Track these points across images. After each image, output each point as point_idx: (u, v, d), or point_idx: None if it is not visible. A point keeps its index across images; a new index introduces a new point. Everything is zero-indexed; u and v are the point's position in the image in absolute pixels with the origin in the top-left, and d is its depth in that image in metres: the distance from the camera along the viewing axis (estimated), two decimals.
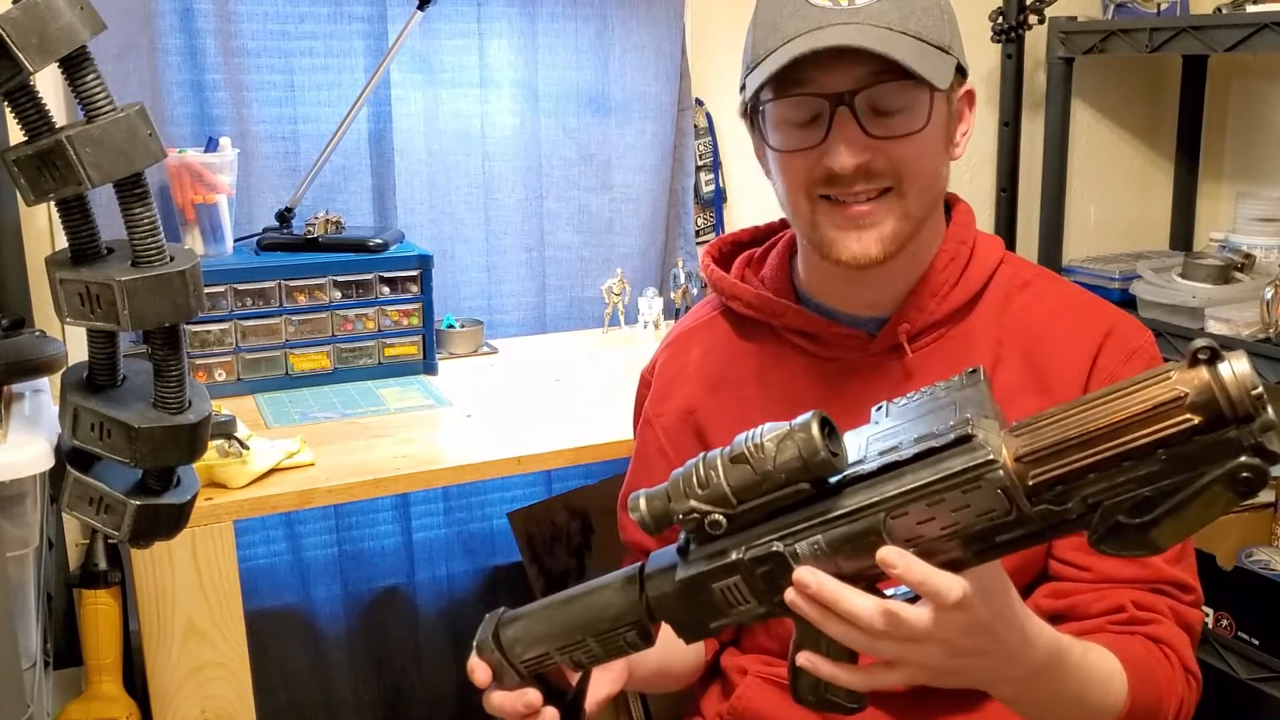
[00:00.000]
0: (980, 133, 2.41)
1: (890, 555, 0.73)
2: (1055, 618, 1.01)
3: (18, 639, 1.02)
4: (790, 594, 0.77)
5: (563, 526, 1.92)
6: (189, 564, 1.33)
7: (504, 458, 1.49)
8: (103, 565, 1.61)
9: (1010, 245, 2.39)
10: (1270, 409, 0.65)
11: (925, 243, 1.09)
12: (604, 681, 0.97)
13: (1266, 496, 2.16)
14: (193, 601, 1.34)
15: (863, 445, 0.77)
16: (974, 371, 0.77)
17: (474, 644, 0.90)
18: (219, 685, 1.37)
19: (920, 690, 1.08)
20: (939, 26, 1.01)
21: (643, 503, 0.79)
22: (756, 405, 1.14)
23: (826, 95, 0.99)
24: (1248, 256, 2.13)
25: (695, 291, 2.09)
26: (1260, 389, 0.64)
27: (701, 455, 0.78)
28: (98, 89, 0.74)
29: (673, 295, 2.12)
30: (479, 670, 0.91)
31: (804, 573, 0.76)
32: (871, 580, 0.77)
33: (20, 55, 0.70)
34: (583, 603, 0.86)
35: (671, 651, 1.12)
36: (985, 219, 2.42)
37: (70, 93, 0.74)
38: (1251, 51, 1.89)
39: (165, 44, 1.79)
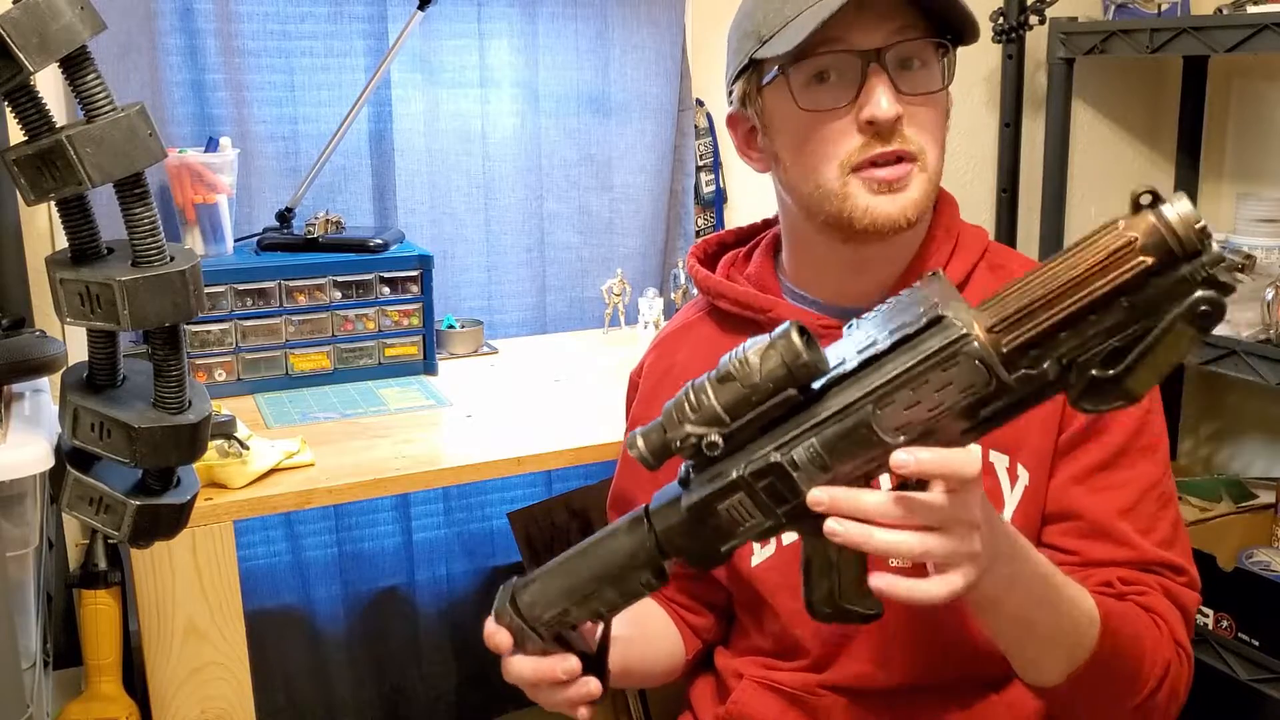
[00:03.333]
0: (981, 133, 2.41)
1: (899, 456, 0.74)
2: None
3: (17, 639, 1.02)
4: (829, 524, 0.77)
5: (563, 527, 1.92)
6: (189, 564, 1.33)
7: (504, 458, 1.49)
8: (102, 565, 1.61)
9: (1011, 245, 2.39)
10: (1214, 243, 0.69)
11: (915, 230, 1.10)
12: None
13: (1267, 498, 2.16)
14: (192, 602, 1.34)
15: (839, 353, 0.79)
16: (933, 274, 0.79)
17: (492, 613, 0.91)
18: (219, 685, 1.37)
19: (916, 688, 1.09)
20: None
21: (640, 440, 0.80)
22: None
23: (859, 52, 0.99)
24: (1248, 257, 2.13)
25: (695, 292, 2.08)
26: (1204, 222, 0.68)
27: (690, 382, 0.79)
28: (98, 89, 0.74)
29: (673, 295, 2.12)
30: (499, 635, 0.90)
31: (814, 493, 0.77)
32: (869, 477, 0.78)
33: (20, 55, 0.70)
34: (594, 552, 0.87)
35: (641, 648, 1.12)
36: (986, 219, 2.42)
37: (70, 92, 0.74)
38: (1252, 52, 1.89)
39: (165, 44, 1.79)
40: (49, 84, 0.81)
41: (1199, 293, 0.68)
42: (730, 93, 1.12)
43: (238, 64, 1.84)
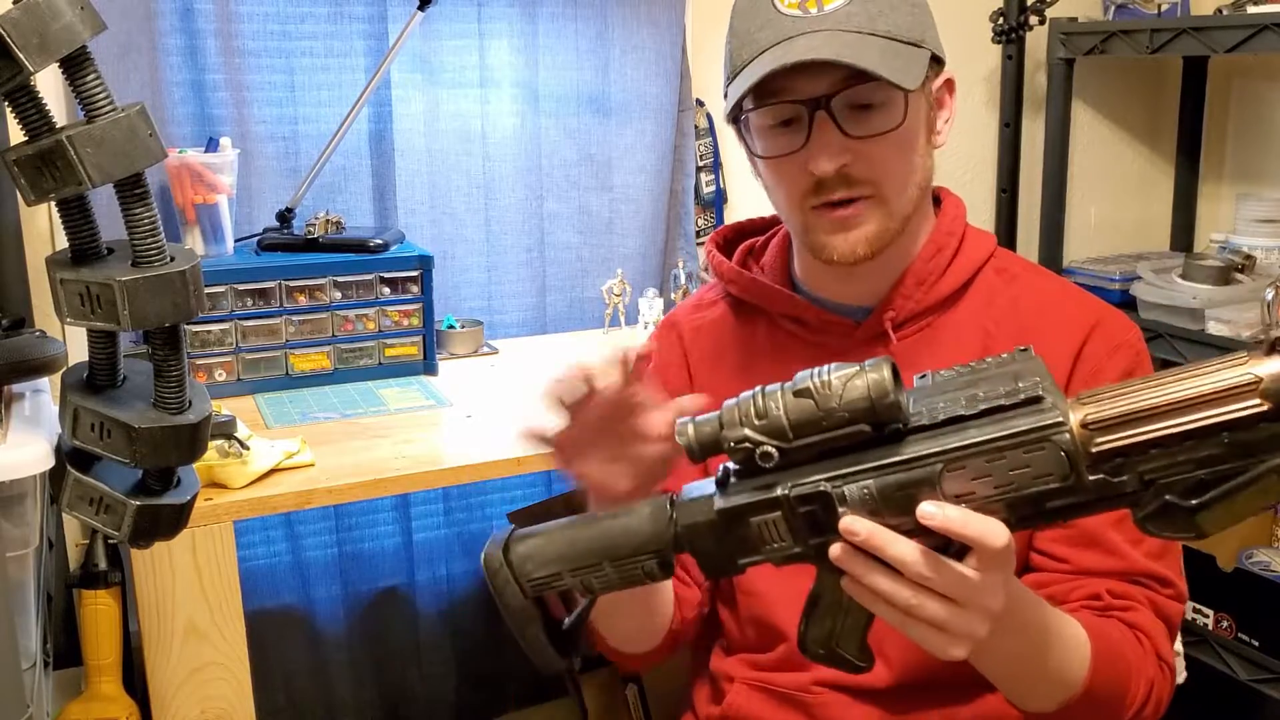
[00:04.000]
0: (981, 133, 2.41)
1: (927, 508, 0.73)
2: None
3: (17, 639, 1.02)
4: (837, 549, 0.75)
5: None
6: (189, 564, 1.33)
7: (504, 458, 1.49)
8: (103, 565, 1.61)
9: (1011, 246, 2.39)
10: None
11: (913, 235, 1.11)
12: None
13: None
14: (193, 602, 1.34)
15: (914, 402, 0.76)
16: (1025, 349, 0.77)
17: (481, 556, 0.88)
18: (219, 685, 1.37)
19: (911, 686, 1.09)
20: (910, 21, 1.03)
21: (691, 428, 0.78)
22: (745, 385, 1.14)
23: (803, 101, 1.01)
24: (1248, 257, 2.13)
25: (693, 290, 2.09)
26: None
27: (760, 388, 0.77)
28: (98, 89, 0.74)
29: (673, 296, 2.12)
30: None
31: (853, 521, 0.75)
32: (909, 537, 0.76)
33: (21, 55, 0.70)
34: (605, 526, 0.84)
35: (623, 607, 1.09)
36: (986, 220, 2.42)
37: (71, 93, 0.74)
38: (1252, 52, 1.89)
39: (166, 44, 1.79)
40: (49, 84, 0.81)
41: None
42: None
43: (238, 64, 1.84)
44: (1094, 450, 0.70)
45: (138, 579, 1.33)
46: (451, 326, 1.98)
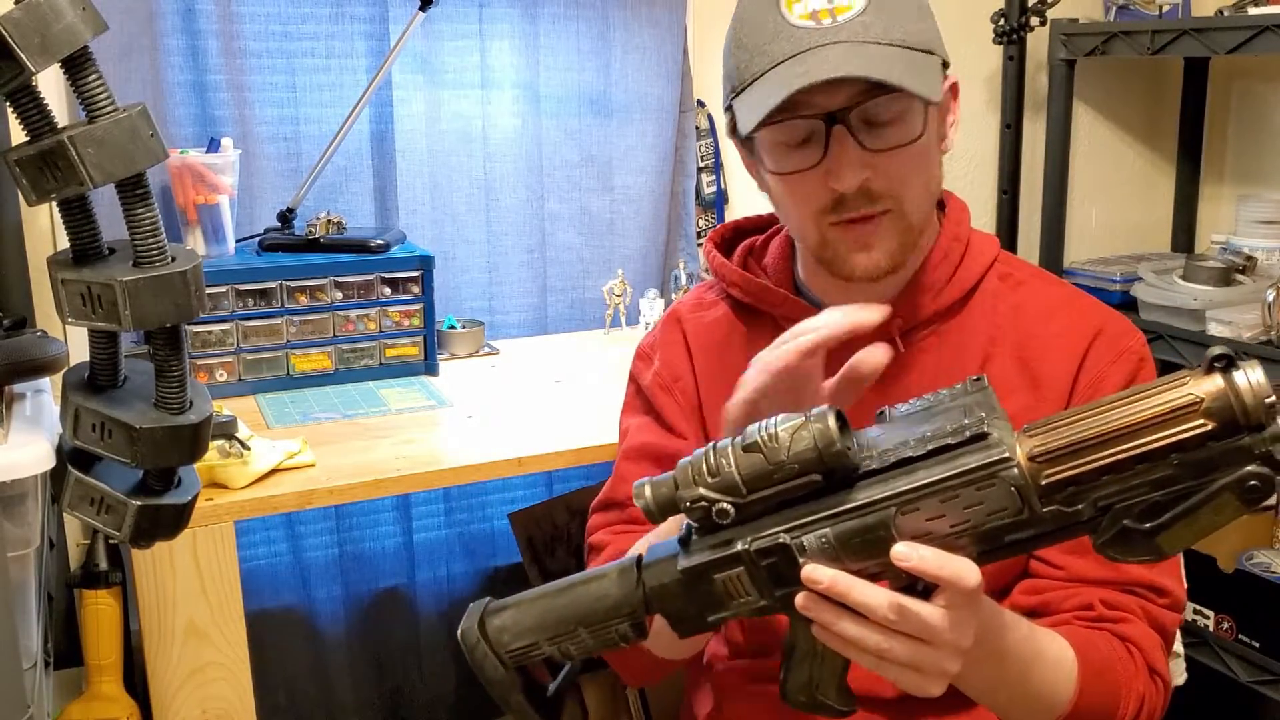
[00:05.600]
0: (982, 135, 2.41)
1: (901, 549, 0.73)
2: (1029, 614, 1.01)
3: (18, 639, 1.02)
4: (802, 598, 0.76)
5: (563, 527, 1.92)
6: (190, 564, 1.33)
7: (505, 459, 1.49)
8: (103, 565, 1.61)
9: (1011, 247, 2.39)
10: None
11: (920, 240, 1.10)
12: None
13: (1268, 499, 2.15)
14: (193, 602, 1.34)
15: (868, 445, 0.77)
16: (978, 379, 0.77)
17: (458, 633, 0.88)
18: (219, 686, 1.37)
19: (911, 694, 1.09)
20: (920, 28, 1.01)
21: (648, 490, 0.78)
22: None
23: (820, 115, 0.98)
24: (1249, 259, 2.13)
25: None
26: (1273, 398, 0.65)
27: (711, 444, 0.77)
28: (99, 89, 0.74)
29: (674, 296, 2.12)
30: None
31: (814, 569, 0.75)
32: (874, 580, 0.77)
33: (22, 55, 0.70)
34: (576, 593, 0.84)
35: (663, 642, 1.11)
36: (987, 221, 2.42)
37: (72, 93, 0.74)
38: (1253, 54, 1.89)
39: (167, 44, 1.79)
40: (51, 84, 0.81)
41: (1252, 467, 0.66)
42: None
43: (239, 65, 1.84)
44: (1044, 482, 0.70)
45: (138, 579, 1.33)
46: (452, 327, 1.98)
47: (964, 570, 0.73)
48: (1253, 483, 0.66)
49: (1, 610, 0.97)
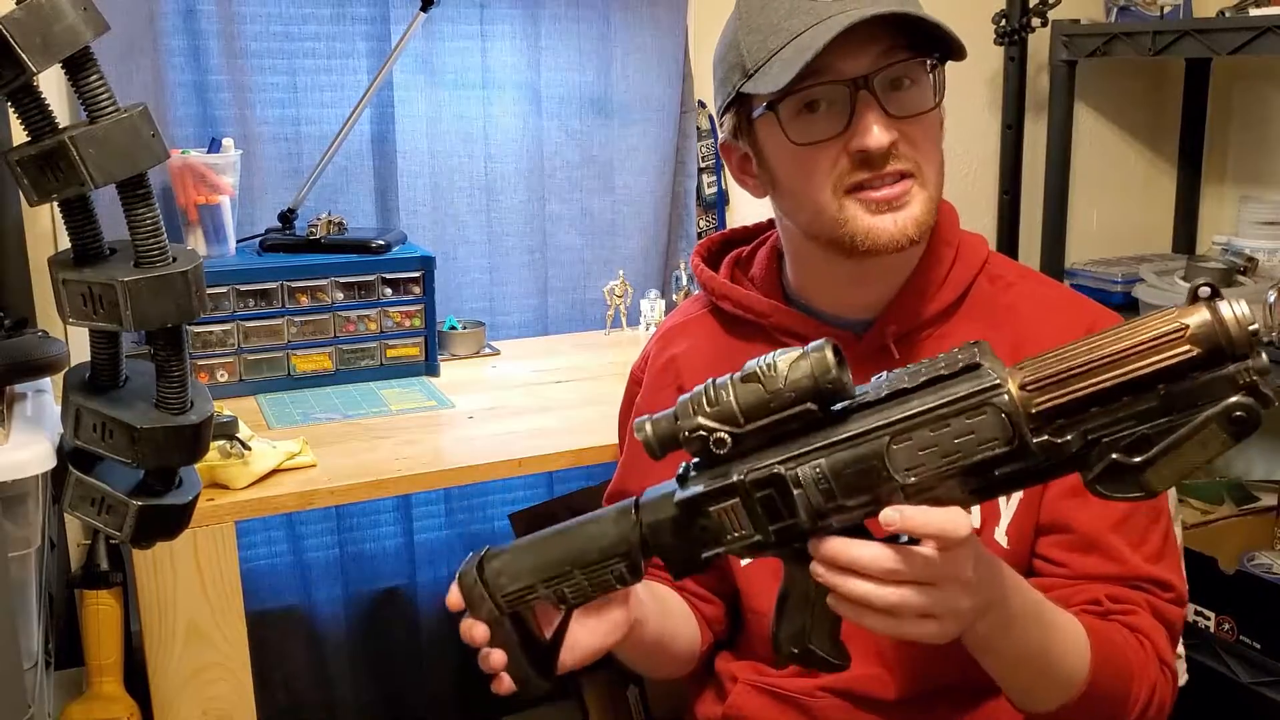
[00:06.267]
0: (983, 135, 2.41)
1: (887, 513, 0.74)
2: None
3: (19, 639, 1.02)
4: (814, 567, 0.77)
5: None
6: (190, 565, 1.33)
7: (505, 459, 1.49)
8: (104, 566, 1.61)
9: (1013, 248, 2.39)
10: (1264, 354, 0.67)
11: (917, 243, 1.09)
12: (598, 632, 0.94)
13: (1269, 500, 2.16)
14: (194, 602, 1.34)
15: (866, 387, 0.78)
16: (975, 343, 0.77)
17: (456, 575, 0.89)
18: (220, 686, 1.37)
19: (916, 693, 1.09)
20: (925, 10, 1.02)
21: (649, 425, 0.80)
22: None
23: (845, 81, 0.98)
24: (1250, 259, 2.13)
25: (695, 293, 2.09)
26: (1257, 326, 0.67)
27: (712, 378, 0.78)
28: (101, 90, 0.74)
29: (675, 297, 2.12)
30: (453, 595, 0.90)
31: (816, 542, 0.77)
32: (869, 514, 0.77)
33: (24, 56, 0.70)
34: (573, 534, 0.85)
35: (670, 622, 1.12)
36: (988, 222, 2.42)
37: (73, 93, 0.74)
38: (1255, 54, 1.89)
39: (168, 45, 1.79)
40: (52, 84, 0.81)
41: (1237, 398, 0.66)
42: (720, 124, 1.12)
43: (240, 65, 1.84)
44: (1034, 410, 0.71)
45: (139, 579, 1.33)
46: (453, 327, 1.98)
47: (953, 519, 0.74)
48: (1238, 413, 0.66)
49: (2, 610, 0.97)
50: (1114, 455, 0.69)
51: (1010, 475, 0.73)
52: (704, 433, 0.77)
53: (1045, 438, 0.71)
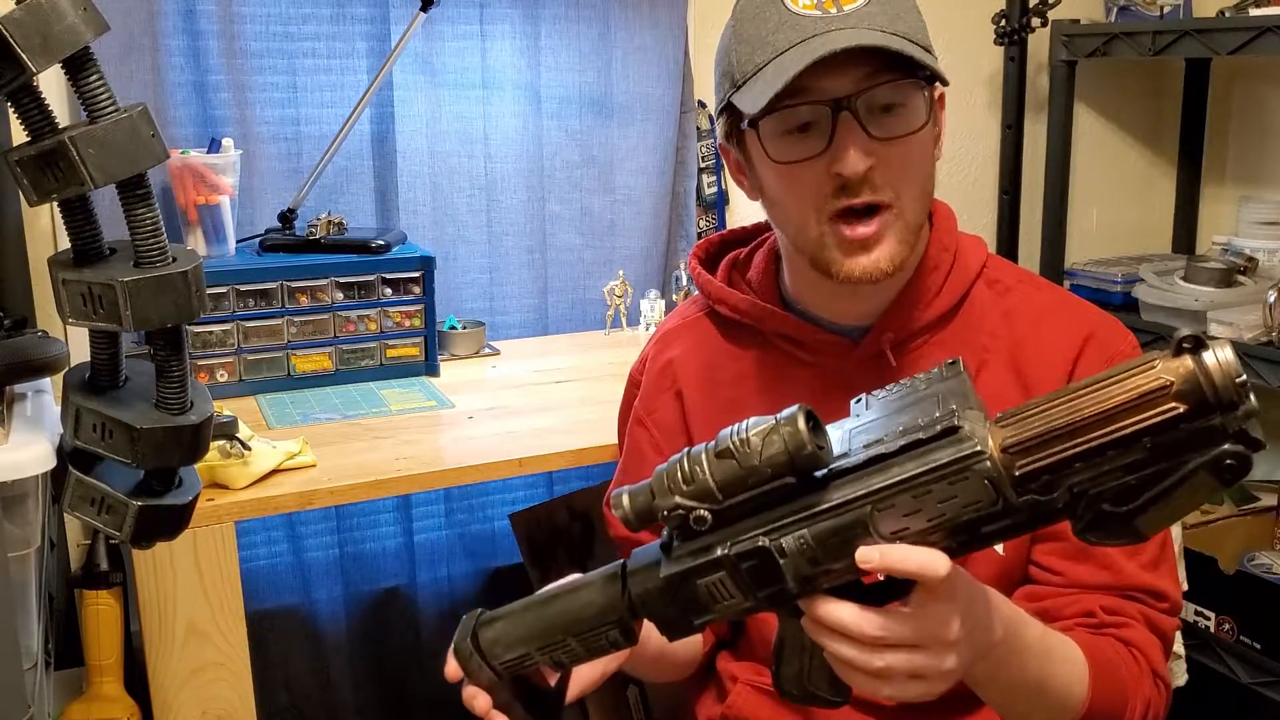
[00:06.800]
0: (983, 135, 2.41)
1: (865, 553, 0.73)
2: None
3: (19, 639, 1.02)
4: (805, 623, 0.78)
5: (564, 528, 1.92)
6: (190, 565, 1.33)
7: (505, 459, 1.49)
8: (104, 566, 1.61)
9: (1012, 248, 2.39)
10: (1252, 396, 0.65)
11: (916, 247, 1.09)
12: (599, 663, 0.96)
13: (1269, 501, 2.16)
14: (194, 602, 1.34)
15: (845, 438, 0.77)
16: (953, 363, 0.77)
17: (451, 646, 0.89)
18: (220, 686, 1.37)
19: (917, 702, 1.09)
20: (920, 26, 1.02)
21: (626, 499, 0.78)
22: (742, 407, 1.14)
23: (827, 101, 0.98)
24: (1250, 260, 2.13)
25: (687, 300, 2.09)
26: (1244, 376, 0.64)
27: (686, 450, 0.77)
28: (101, 89, 0.74)
29: (675, 297, 2.12)
30: (450, 665, 0.91)
31: (809, 602, 0.77)
32: (858, 574, 0.77)
33: (23, 56, 0.70)
34: (564, 602, 0.85)
35: (656, 665, 1.13)
36: (987, 222, 2.42)
37: (73, 93, 0.74)
38: (1255, 55, 1.89)
39: (168, 45, 1.79)
40: (52, 84, 0.81)
41: (1227, 446, 0.65)
42: (718, 124, 1.12)
43: (240, 65, 1.84)
44: (1018, 473, 0.69)
45: (139, 579, 1.33)
46: (453, 327, 1.98)
47: (932, 560, 0.73)
48: (1229, 461, 0.65)
49: (2, 610, 0.97)
50: (1103, 505, 0.68)
51: (997, 530, 0.72)
52: (682, 511, 0.76)
53: (1030, 496, 0.70)
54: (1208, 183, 2.48)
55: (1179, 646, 1.47)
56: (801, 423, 0.73)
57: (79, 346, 0.96)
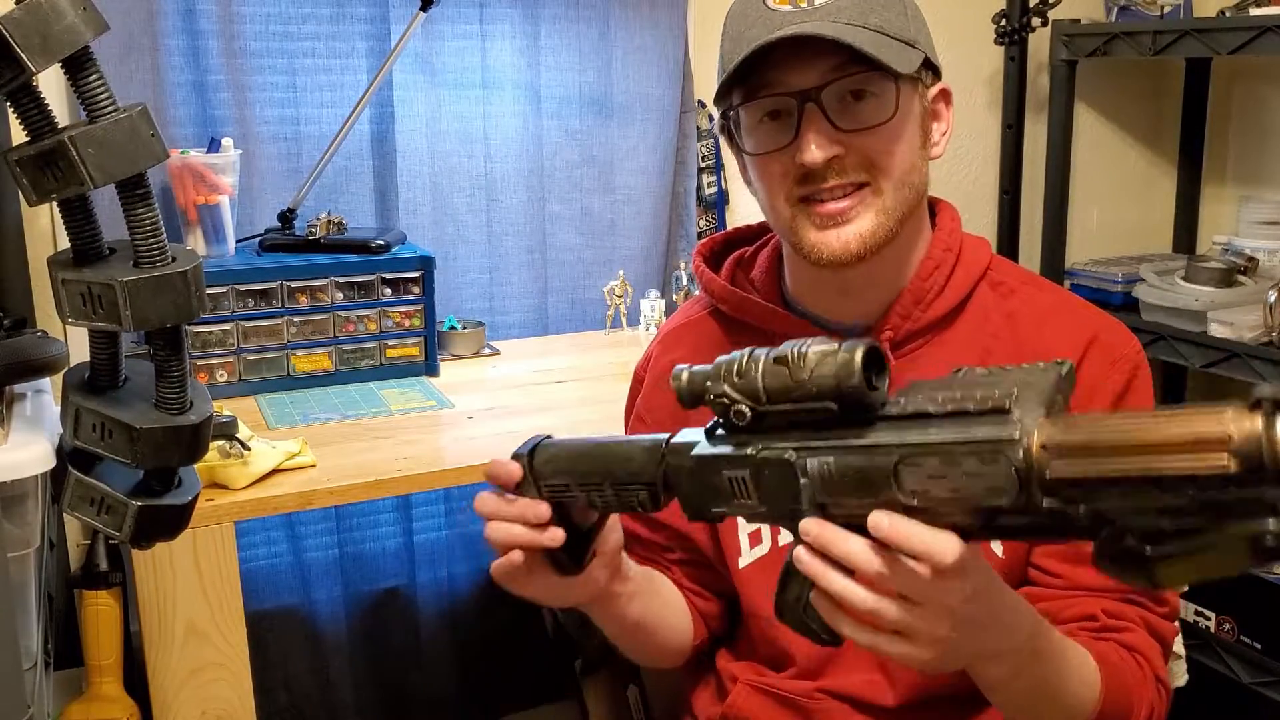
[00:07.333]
0: (983, 135, 2.41)
1: (876, 518, 0.73)
2: None
3: (18, 639, 1.02)
4: (799, 551, 0.77)
5: None
6: (190, 565, 1.33)
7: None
8: (104, 566, 1.61)
9: (1013, 248, 2.39)
10: None
11: (909, 248, 1.09)
12: (617, 539, 0.98)
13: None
14: (194, 602, 1.34)
15: (911, 392, 0.76)
16: (1060, 363, 0.74)
17: (511, 454, 0.93)
18: (220, 687, 1.37)
19: (916, 703, 1.09)
20: (902, 22, 1.02)
21: (685, 375, 0.81)
22: None
23: (792, 93, 1.00)
24: (1251, 259, 2.13)
25: (697, 294, 2.09)
26: None
27: (752, 348, 0.78)
28: (100, 89, 0.74)
29: (675, 297, 2.12)
30: (507, 468, 0.91)
31: (809, 523, 0.76)
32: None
33: (23, 56, 0.70)
34: (611, 451, 0.89)
35: (656, 604, 1.12)
36: (988, 221, 2.42)
37: (73, 93, 0.74)
38: (1255, 54, 1.89)
39: (168, 45, 1.79)
40: (51, 84, 0.81)
41: (1271, 523, 0.60)
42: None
43: (240, 65, 1.84)
44: (1050, 475, 0.67)
45: (139, 579, 1.33)
46: (453, 327, 1.98)
47: (941, 543, 0.72)
48: (1269, 542, 0.60)
49: (2, 610, 0.97)
50: (1127, 540, 0.65)
51: (1013, 527, 0.71)
52: (727, 401, 0.78)
53: (1056, 504, 0.67)
54: (1208, 183, 2.48)
55: (1180, 647, 1.47)
56: (859, 355, 0.73)
57: (79, 346, 0.96)
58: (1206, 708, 1.07)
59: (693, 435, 0.84)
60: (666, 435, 0.86)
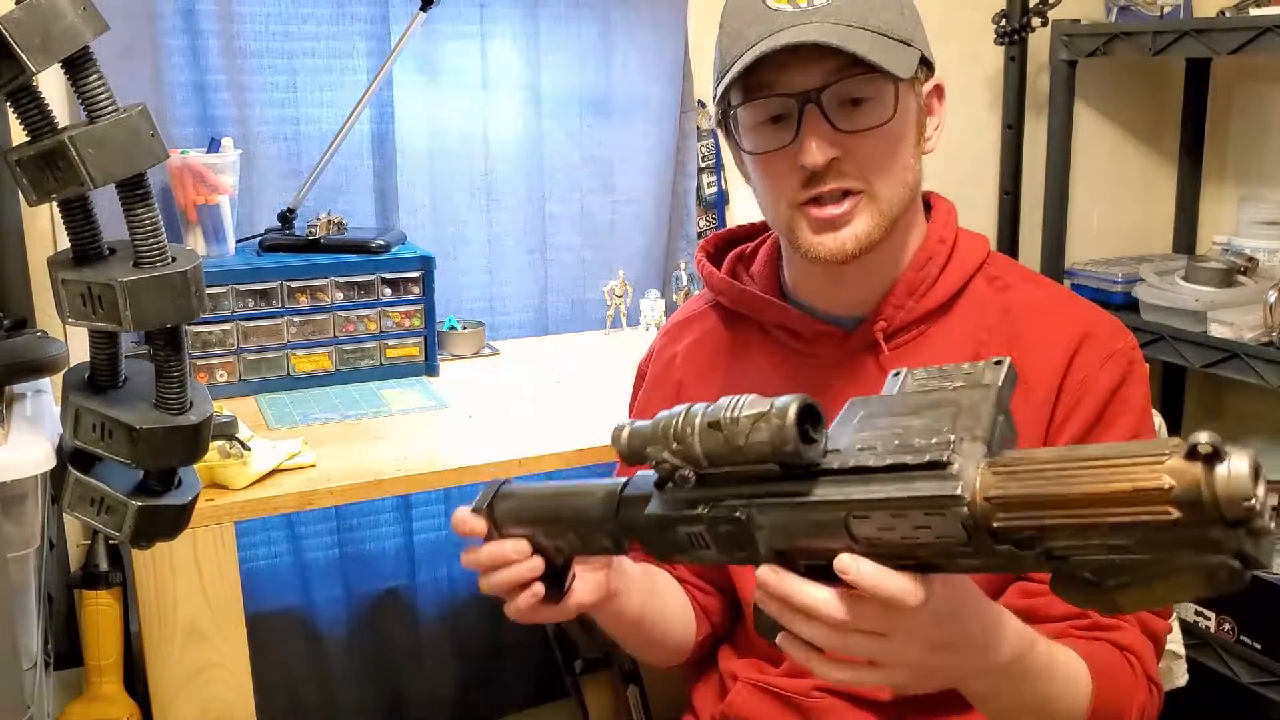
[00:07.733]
0: (983, 135, 2.41)
1: (843, 562, 0.72)
2: (1019, 616, 1.01)
3: (18, 639, 1.02)
4: (757, 594, 0.78)
5: None
6: (190, 565, 1.33)
7: (505, 459, 1.49)
8: (104, 566, 1.61)
9: (1013, 248, 2.39)
10: (1268, 517, 0.60)
11: (903, 241, 1.10)
12: (589, 587, 0.98)
13: (1270, 500, 2.15)
14: (194, 603, 1.34)
15: (855, 427, 0.76)
16: (998, 363, 0.74)
17: (471, 507, 0.94)
18: (220, 687, 1.37)
19: (914, 698, 1.09)
20: (899, 20, 1.03)
21: (625, 434, 0.81)
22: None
23: (793, 95, 1.00)
24: (1251, 260, 2.13)
25: (697, 294, 2.09)
26: (1254, 499, 0.58)
27: (686, 407, 0.78)
28: (100, 89, 0.74)
29: (675, 297, 2.12)
30: (470, 522, 0.92)
31: (764, 571, 0.76)
32: (829, 560, 0.75)
33: (23, 56, 0.70)
34: (569, 501, 0.89)
35: (656, 602, 1.12)
36: (988, 222, 2.42)
37: (73, 93, 0.74)
38: (1255, 55, 1.89)
39: (168, 45, 1.79)
40: (51, 84, 0.81)
41: (1222, 558, 0.60)
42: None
43: (240, 65, 1.84)
44: (996, 525, 0.66)
45: (139, 580, 1.33)
46: (453, 328, 1.98)
47: (906, 589, 0.71)
48: (1221, 574, 0.61)
49: (1, 610, 0.97)
50: (1083, 574, 0.65)
51: (971, 565, 0.70)
52: (669, 465, 0.78)
53: (1007, 547, 0.67)
54: (1208, 182, 2.48)
55: (1179, 647, 1.47)
56: (791, 416, 0.72)
57: (79, 346, 0.96)
58: (1206, 708, 1.07)
59: (643, 485, 0.84)
60: (620, 484, 0.86)
